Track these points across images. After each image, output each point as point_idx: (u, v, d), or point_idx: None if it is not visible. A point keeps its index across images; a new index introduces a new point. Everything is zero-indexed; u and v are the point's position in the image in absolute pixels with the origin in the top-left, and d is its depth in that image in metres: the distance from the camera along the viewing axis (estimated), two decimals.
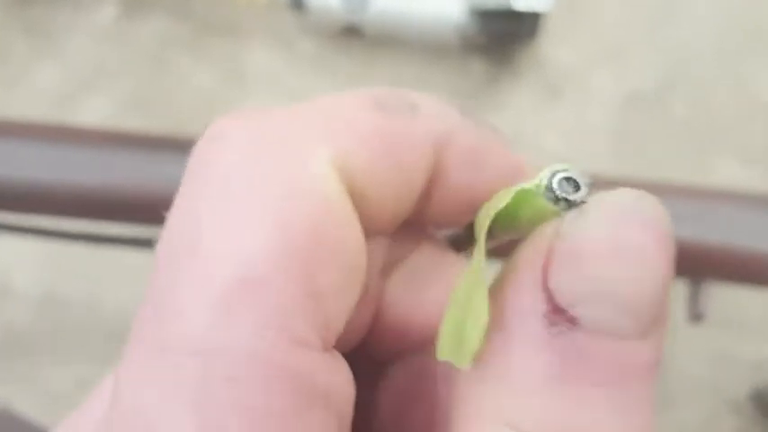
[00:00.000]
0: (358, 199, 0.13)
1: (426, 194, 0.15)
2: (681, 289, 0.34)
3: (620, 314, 0.11)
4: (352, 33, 0.67)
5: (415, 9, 0.63)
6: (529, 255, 0.12)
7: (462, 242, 0.17)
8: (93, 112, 0.65)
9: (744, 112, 0.68)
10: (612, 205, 0.12)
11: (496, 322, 0.12)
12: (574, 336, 0.11)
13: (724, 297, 0.61)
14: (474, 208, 0.15)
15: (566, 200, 0.12)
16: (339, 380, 0.12)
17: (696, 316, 0.30)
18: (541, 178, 0.12)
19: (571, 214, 0.12)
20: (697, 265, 0.30)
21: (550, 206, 0.12)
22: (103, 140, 0.31)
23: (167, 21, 0.68)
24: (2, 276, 0.60)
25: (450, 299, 0.14)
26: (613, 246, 0.11)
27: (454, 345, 0.13)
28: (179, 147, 0.31)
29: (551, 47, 0.68)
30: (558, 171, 0.12)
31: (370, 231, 0.14)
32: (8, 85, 0.67)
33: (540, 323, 0.11)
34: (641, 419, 0.11)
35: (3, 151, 0.30)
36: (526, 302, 0.12)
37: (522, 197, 0.12)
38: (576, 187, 0.12)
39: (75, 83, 0.67)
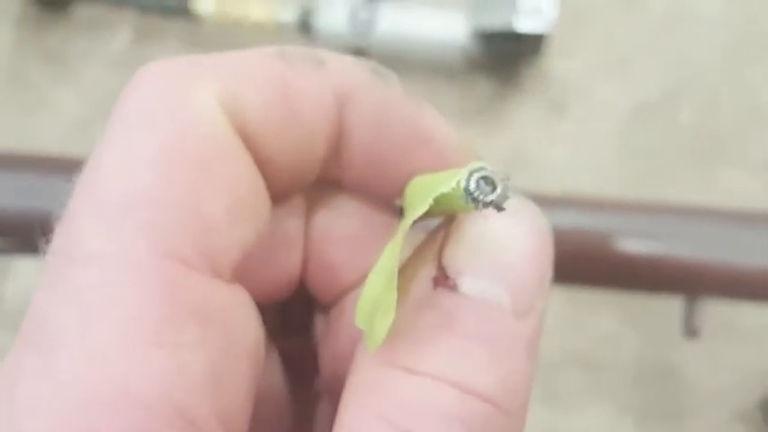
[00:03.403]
0: (252, 144, 0.14)
1: (336, 154, 0.16)
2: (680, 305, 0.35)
3: (498, 288, 0.13)
4: (359, 55, 0.68)
5: (418, 32, 0.65)
6: (431, 237, 0.14)
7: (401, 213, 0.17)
8: None
9: (751, 120, 0.69)
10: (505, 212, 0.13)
11: (400, 289, 0.13)
12: (453, 297, 0.13)
13: (731, 308, 0.62)
14: (382, 171, 0.16)
15: (483, 201, 0.13)
16: (232, 308, 0.13)
17: (691, 331, 0.31)
18: (459, 180, 0.13)
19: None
20: (691, 282, 0.31)
21: (467, 205, 0.13)
22: None
23: (179, 46, 0.70)
24: (27, 295, 0.62)
25: (372, 270, 0.14)
26: (498, 235, 0.13)
27: (368, 321, 0.14)
28: None
29: (555, 62, 0.69)
30: (475, 171, 0.13)
31: (276, 182, 0.15)
32: (27, 111, 0.69)
33: (427, 285, 0.13)
34: (517, 386, 0.13)
35: (19, 184, 0.31)
36: (421, 271, 0.14)
37: (441, 197, 0.13)
38: (493, 186, 0.13)
39: (92, 108, 0.69)
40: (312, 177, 0.16)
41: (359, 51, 0.68)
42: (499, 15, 0.61)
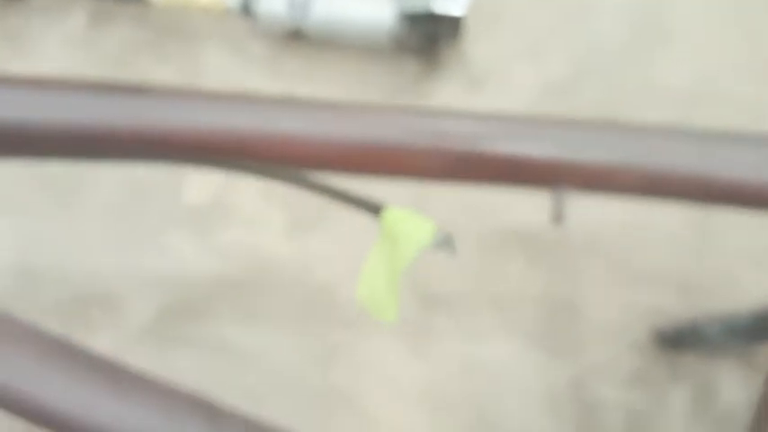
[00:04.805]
0: None
1: None
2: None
3: None
4: (297, 37, 0.76)
5: (351, 15, 0.72)
6: None
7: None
8: None
9: (649, 97, 0.78)
10: None
11: None
12: None
13: (626, 253, 0.71)
14: None
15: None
16: None
17: (557, 218, 0.38)
18: (431, 236, 0.21)
19: None
20: (555, 177, 0.38)
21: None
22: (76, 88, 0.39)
23: (131, 27, 0.76)
24: None
25: (368, 261, 0.22)
26: None
27: (368, 300, 0.21)
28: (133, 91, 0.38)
29: (474, 46, 0.77)
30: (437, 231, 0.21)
31: None
32: None
33: None
34: None
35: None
36: None
37: (409, 237, 0.21)
38: (442, 239, 0.22)
39: None
40: None
41: (297, 33, 0.75)
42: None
